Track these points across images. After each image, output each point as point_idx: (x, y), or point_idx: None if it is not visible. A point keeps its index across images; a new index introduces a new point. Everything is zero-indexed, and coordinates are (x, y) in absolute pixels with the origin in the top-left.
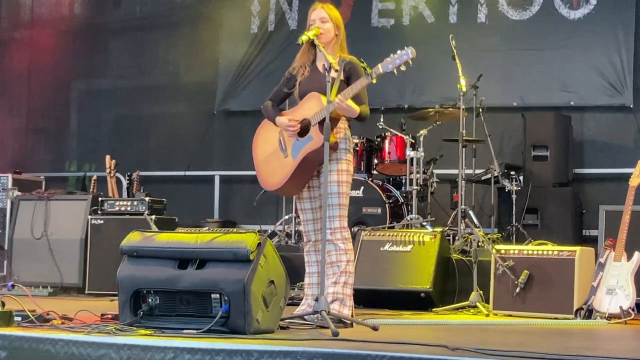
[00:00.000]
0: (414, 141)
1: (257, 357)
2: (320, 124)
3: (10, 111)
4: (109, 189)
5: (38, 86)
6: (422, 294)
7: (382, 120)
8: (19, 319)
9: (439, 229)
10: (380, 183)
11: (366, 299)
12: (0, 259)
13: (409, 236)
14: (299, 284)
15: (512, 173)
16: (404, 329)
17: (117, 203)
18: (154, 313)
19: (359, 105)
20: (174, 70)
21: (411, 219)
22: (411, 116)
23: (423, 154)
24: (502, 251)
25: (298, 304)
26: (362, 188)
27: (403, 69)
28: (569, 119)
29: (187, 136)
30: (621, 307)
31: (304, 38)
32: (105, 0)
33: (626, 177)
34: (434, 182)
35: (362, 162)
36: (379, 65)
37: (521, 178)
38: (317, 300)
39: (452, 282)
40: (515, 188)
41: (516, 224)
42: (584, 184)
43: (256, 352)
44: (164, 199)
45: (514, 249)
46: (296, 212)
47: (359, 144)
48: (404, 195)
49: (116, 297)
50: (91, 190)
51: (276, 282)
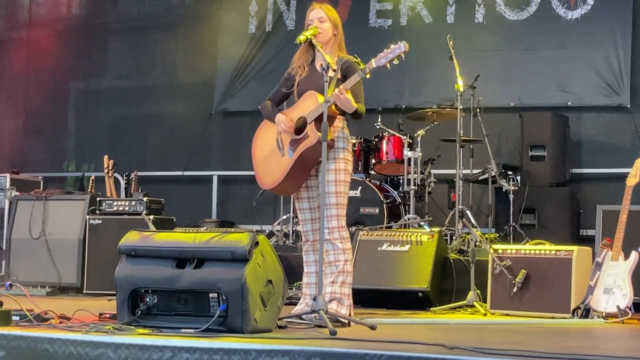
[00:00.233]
0: (411, 141)
1: (255, 356)
2: (316, 121)
3: (8, 111)
4: (107, 189)
5: (36, 86)
6: (420, 294)
7: (379, 120)
8: (17, 318)
9: (436, 229)
10: (378, 183)
11: (364, 298)
12: None
13: (407, 236)
14: (297, 283)
15: (510, 173)
16: (402, 328)
17: (115, 203)
18: (152, 312)
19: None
20: (171, 71)
21: (409, 218)
22: (409, 116)
23: (421, 154)
24: (500, 251)
25: (296, 304)
26: (360, 188)
27: (396, 62)
28: (566, 119)
29: (185, 136)
30: (618, 307)
31: (301, 38)
32: (103, 1)
33: (623, 177)
34: (431, 182)
35: (360, 162)
36: (372, 60)
37: (518, 178)
38: (315, 299)
39: (450, 282)
40: (513, 188)
41: (513, 223)
42: (581, 183)
43: (254, 351)
44: (162, 199)
45: (511, 248)
46: (295, 212)
47: (356, 144)
48: (402, 195)
49: (114, 297)
50: (89, 190)
51: (274, 281)
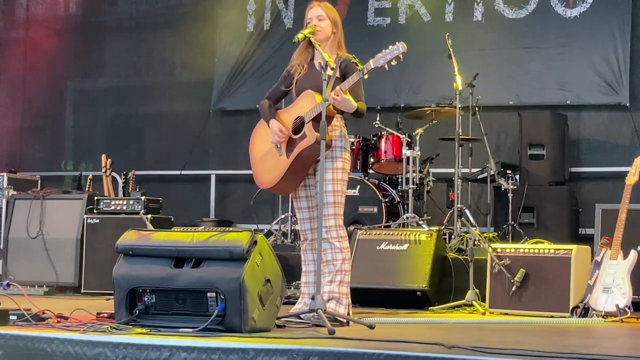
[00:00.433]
0: (410, 140)
1: (254, 355)
2: (314, 121)
3: (6, 110)
4: (104, 188)
5: (34, 85)
6: (419, 293)
7: (378, 119)
8: (14, 318)
9: (435, 228)
10: (377, 182)
11: (362, 297)
12: None
13: (405, 235)
14: (295, 283)
15: (509, 172)
16: (400, 327)
17: (112, 202)
18: (150, 312)
19: (355, 102)
20: (169, 70)
21: (407, 217)
22: (407, 115)
23: (419, 152)
24: (498, 250)
25: (294, 303)
26: (359, 187)
27: (394, 63)
28: (565, 118)
29: (183, 135)
30: (617, 305)
31: (299, 36)
32: (101, 0)
33: (622, 175)
34: (430, 181)
35: (359, 161)
36: (370, 61)
37: (517, 177)
38: (313, 298)
39: (449, 281)
40: (512, 187)
41: (512, 222)
42: (580, 182)
43: (252, 350)
44: (160, 198)
45: (510, 247)
46: (293, 211)
47: (355, 143)
48: (400, 194)
49: (112, 296)
50: (87, 189)
51: (272, 280)
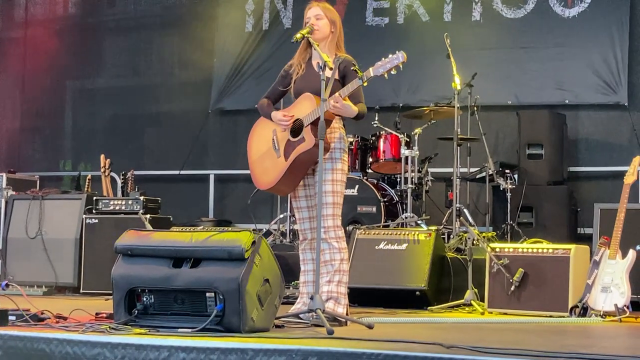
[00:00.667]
0: (408, 140)
1: (252, 355)
2: (313, 124)
3: (4, 110)
4: (103, 188)
5: (32, 85)
6: (417, 293)
7: (376, 118)
8: (13, 318)
9: (433, 228)
10: (375, 182)
11: (361, 297)
12: None
13: (404, 234)
14: (294, 282)
15: (507, 171)
16: (399, 327)
17: (111, 202)
18: (148, 312)
19: (355, 104)
20: (168, 70)
21: (406, 217)
22: (406, 115)
23: (418, 152)
24: (497, 249)
25: (293, 303)
26: (357, 187)
27: (394, 72)
28: (563, 117)
29: (181, 135)
30: (616, 305)
31: (297, 36)
32: (100, 0)
33: (621, 175)
34: (428, 180)
35: (357, 161)
36: (370, 69)
37: (516, 176)
38: (312, 298)
39: (447, 281)
40: (510, 186)
41: (511, 222)
42: (578, 182)
43: (251, 350)
44: (159, 198)
45: (508, 247)
46: (292, 211)
47: (353, 143)
48: (399, 193)
49: (111, 296)
50: (86, 189)
51: (271, 280)
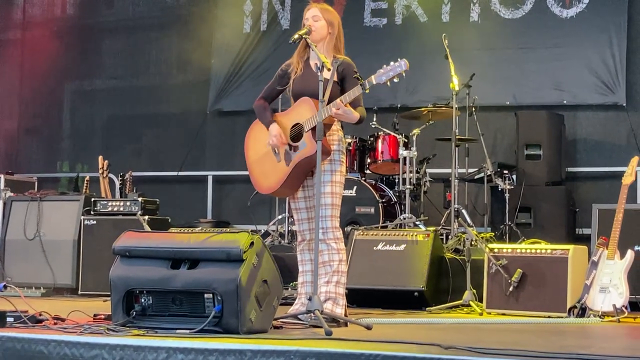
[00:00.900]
0: (407, 140)
1: (251, 356)
2: (314, 129)
3: (2, 112)
4: (101, 190)
5: (30, 87)
6: (416, 293)
7: (375, 119)
8: (11, 320)
9: (432, 228)
10: (374, 182)
11: (359, 298)
12: None
13: (402, 235)
14: (292, 283)
15: (505, 172)
16: (398, 328)
17: (109, 203)
18: (146, 313)
19: (355, 108)
20: (166, 71)
21: (404, 218)
22: (404, 115)
23: (416, 153)
24: (496, 250)
25: (292, 304)
26: (355, 187)
27: (396, 80)
28: (561, 118)
29: (180, 136)
30: (614, 305)
31: (295, 37)
32: (98, 1)
33: (619, 175)
34: (427, 181)
35: (355, 162)
36: (372, 77)
37: (514, 177)
38: (310, 299)
39: (446, 281)
40: (508, 187)
41: (509, 222)
42: (577, 182)
43: (249, 351)
44: (157, 200)
45: (507, 247)
46: (290, 212)
47: (351, 144)
48: (397, 194)
49: (109, 298)
50: (84, 190)
51: (269, 281)
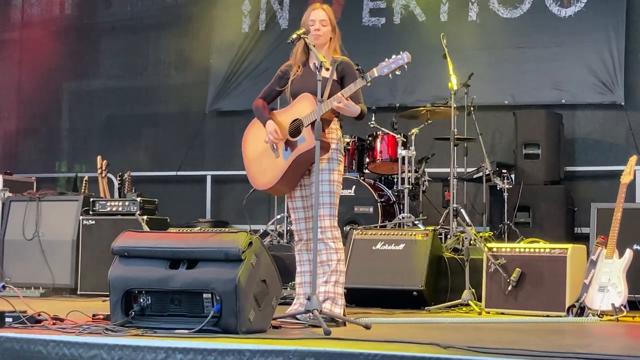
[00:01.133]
0: (405, 140)
1: (249, 356)
2: (313, 124)
3: (0, 112)
4: (100, 190)
5: (29, 87)
6: (415, 293)
7: (373, 119)
8: (10, 320)
9: (431, 228)
10: (372, 182)
11: (358, 297)
12: None
13: (401, 235)
14: (291, 283)
15: (504, 171)
16: (397, 327)
17: (108, 203)
18: (145, 313)
19: (356, 104)
20: (165, 71)
21: (403, 217)
22: (403, 115)
23: (415, 152)
24: (494, 249)
25: (290, 304)
26: (354, 187)
27: (398, 73)
28: (560, 117)
29: (178, 136)
30: (613, 305)
31: (293, 37)
32: (96, 1)
33: (617, 174)
34: (425, 180)
35: (354, 161)
36: (374, 69)
37: (513, 176)
38: (309, 299)
39: (445, 281)
40: (507, 186)
41: (508, 222)
42: (575, 181)
43: (248, 351)
44: (156, 200)
45: (506, 247)
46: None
47: (350, 143)
48: (396, 194)
49: (108, 298)
50: (82, 190)
51: (268, 281)
